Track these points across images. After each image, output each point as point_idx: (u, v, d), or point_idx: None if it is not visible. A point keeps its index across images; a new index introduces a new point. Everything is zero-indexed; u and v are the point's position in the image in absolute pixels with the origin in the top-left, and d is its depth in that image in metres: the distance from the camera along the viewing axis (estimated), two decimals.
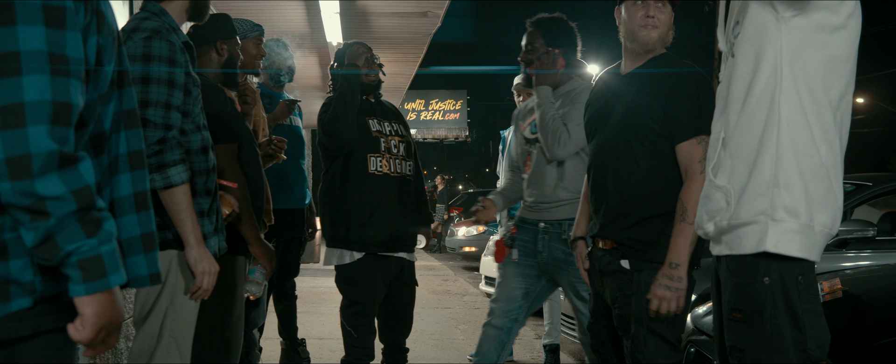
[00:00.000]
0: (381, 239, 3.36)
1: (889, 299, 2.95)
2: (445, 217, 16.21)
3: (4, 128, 1.10)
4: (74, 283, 1.18)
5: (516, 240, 3.30)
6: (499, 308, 3.31)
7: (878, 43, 25.55)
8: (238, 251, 2.68)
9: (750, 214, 1.73)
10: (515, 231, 3.33)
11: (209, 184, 2.31)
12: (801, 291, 1.73)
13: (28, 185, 1.11)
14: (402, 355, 3.56)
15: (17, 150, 1.10)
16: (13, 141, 1.10)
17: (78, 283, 1.18)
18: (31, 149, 1.11)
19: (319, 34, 7.23)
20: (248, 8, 6.03)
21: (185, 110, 2.19)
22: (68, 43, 1.16)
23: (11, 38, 1.11)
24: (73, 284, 1.18)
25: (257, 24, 3.48)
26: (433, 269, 11.39)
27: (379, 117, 3.50)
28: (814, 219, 1.70)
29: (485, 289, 7.75)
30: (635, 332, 2.36)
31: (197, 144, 2.26)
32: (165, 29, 2.17)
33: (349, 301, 3.42)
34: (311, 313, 6.38)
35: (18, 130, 1.10)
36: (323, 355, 4.83)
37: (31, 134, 1.11)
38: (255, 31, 3.44)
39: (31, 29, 1.12)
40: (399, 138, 3.51)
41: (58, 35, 1.15)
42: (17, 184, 1.11)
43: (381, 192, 3.36)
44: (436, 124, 27.80)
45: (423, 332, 5.73)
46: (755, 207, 1.72)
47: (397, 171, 3.44)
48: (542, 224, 3.21)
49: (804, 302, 1.73)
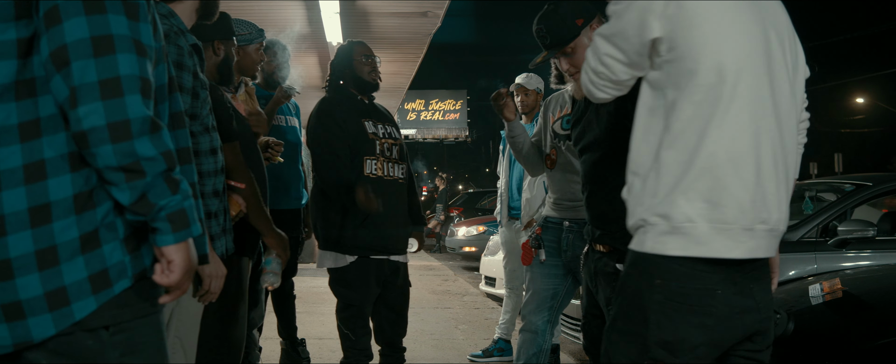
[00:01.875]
0: (375, 242, 3.37)
1: (889, 299, 2.95)
2: (443, 217, 16.19)
3: (105, 97, 1.27)
4: (163, 234, 1.35)
5: (542, 240, 3.29)
6: (530, 312, 3.30)
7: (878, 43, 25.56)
8: (243, 252, 2.69)
9: (634, 220, 1.79)
10: (540, 231, 3.31)
11: (217, 185, 2.32)
12: (653, 293, 1.71)
13: (129, 146, 1.28)
14: (400, 355, 3.56)
15: (117, 116, 1.27)
16: (113, 108, 1.27)
17: (167, 234, 1.35)
18: (129, 114, 1.28)
19: (319, 34, 7.23)
20: (248, 8, 6.03)
21: (192, 113, 2.20)
22: (143, 31, 1.34)
23: (104, 24, 1.28)
24: (162, 235, 1.36)
25: (260, 29, 3.48)
26: (433, 269, 11.39)
27: (374, 119, 3.50)
28: (694, 217, 1.67)
29: (485, 289, 7.74)
30: None
31: (205, 146, 2.26)
32: (173, 32, 2.16)
33: (344, 304, 3.43)
34: (311, 313, 6.38)
35: (118, 99, 1.27)
36: (323, 355, 4.83)
37: (128, 102, 1.28)
38: (259, 36, 3.44)
39: (117, 18, 1.30)
40: (392, 141, 3.51)
41: (135, 25, 1.33)
42: (118, 146, 1.28)
43: (375, 195, 3.36)
44: (436, 124, 27.79)
45: (423, 332, 5.73)
46: (638, 213, 1.77)
47: (390, 174, 3.45)
48: (567, 223, 3.20)
49: (662, 301, 1.70)
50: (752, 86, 1.70)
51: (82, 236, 1.34)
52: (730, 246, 1.67)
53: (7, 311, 1.31)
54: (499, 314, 5.31)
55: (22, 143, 1.31)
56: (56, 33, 1.28)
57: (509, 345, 4.87)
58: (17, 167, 1.31)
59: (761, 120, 1.70)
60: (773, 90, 1.74)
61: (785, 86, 1.78)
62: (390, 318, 3.52)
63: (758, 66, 1.72)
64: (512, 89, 4.71)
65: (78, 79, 1.26)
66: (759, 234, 1.70)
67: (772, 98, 1.73)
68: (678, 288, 1.69)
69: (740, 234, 1.68)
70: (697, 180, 1.68)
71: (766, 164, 1.70)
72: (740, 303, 1.72)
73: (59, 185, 1.33)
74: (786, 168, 1.77)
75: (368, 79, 3.50)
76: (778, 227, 1.75)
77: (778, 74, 1.76)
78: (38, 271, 1.31)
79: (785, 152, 1.76)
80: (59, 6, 1.28)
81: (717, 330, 1.70)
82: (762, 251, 1.73)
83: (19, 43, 1.32)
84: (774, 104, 1.73)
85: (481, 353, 4.87)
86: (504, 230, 4.99)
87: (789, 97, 1.79)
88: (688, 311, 1.69)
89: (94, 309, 1.34)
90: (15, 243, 1.30)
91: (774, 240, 1.77)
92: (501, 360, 4.83)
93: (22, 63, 1.32)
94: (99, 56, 1.27)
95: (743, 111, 1.68)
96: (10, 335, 1.32)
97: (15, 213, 1.30)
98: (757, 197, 1.69)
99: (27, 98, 1.32)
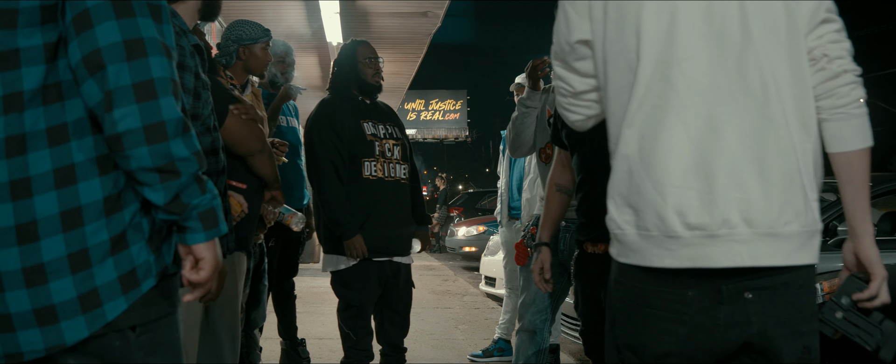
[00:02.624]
0: (376, 245, 3.37)
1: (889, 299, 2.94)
2: (436, 214, 16.19)
3: (140, 100, 1.29)
4: (194, 232, 1.40)
5: (535, 238, 3.29)
6: (527, 311, 3.33)
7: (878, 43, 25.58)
8: (239, 248, 2.69)
9: None
10: (535, 231, 3.31)
11: (219, 185, 2.32)
12: (614, 293, 1.63)
13: (165, 147, 1.31)
14: (401, 355, 3.56)
15: (153, 118, 1.29)
16: (149, 111, 1.29)
17: (198, 232, 1.40)
18: (164, 116, 1.30)
19: (319, 34, 7.24)
20: (248, 8, 6.03)
21: (194, 113, 2.20)
22: (166, 33, 1.36)
23: (134, 27, 1.30)
24: (193, 234, 1.40)
25: (266, 29, 3.47)
26: (433, 269, 11.39)
27: (374, 120, 3.49)
28: (622, 224, 1.55)
29: (485, 289, 7.75)
30: None
31: (207, 146, 2.27)
32: (175, 33, 2.16)
33: (345, 304, 3.43)
34: (311, 313, 6.38)
35: (152, 102, 1.30)
36: (323, 355, 4.83)
37: (162, 104, 1.31)
38: (264, 36, 3.44)
39: (146, 20, 1.32)
40: (393, 141, 3.49)
41: (161, 27, 1.35)
42: (154, 147, 1.30)
43: (375, 198, 3.36)
44: (436, 124, 27.80)
45: (423, 332, 5.73)
46: None
47: (392, 175, 3.44)
48: (564, 222, 3.20)
49: (615, 303, 1.62)
50: (680, 70, 1.48)
51: (112, 238, 1.35)
52: (660, 255, 1.48)
53: (40, 316, 1.31)
54: (499, 314, 5.32)
55: (51, 147, 1.31)
56: (88, 37, 1.29)
57: (509, 345, 4.87)
58: (47, 172, 1.31)
59: (710, 106, 1.46)
60: (730, 64, 1.47)
61: (761, 49, 1.48)
62: (392, 318, 3.52)
63: (681, 45, 1.49)
64: (512, 89, 4.71)
65: (113, 82, 1.28)
66: (703, 239, 1.45)
67: (732, 75, 1.47)
68: (639, 290, 1.54)
69: (665, 241, 1.47)
70: (619, 184, 1.55)
71: (722, 159, 1.45)
72: (725, 314, 1.49)
73: (89, 188, 1.33)
74: (776, 156, 1.47)
75: (371, 81, 3.49)
76: (757, 229, 1.45)
77: (731, 41, 1.48)
78: (71, 275, 1.32)
79: (764, 138, 1.47)
80: (89, 9, 1.29)
81: (692, 340, 1.50)
82: (723, 258, 1.45)
83: (46, 48, 1.32)
84: (742, 81, 1.47)
85: (481, 353, 4.88)
86: (504, 230, 5.00)
87: (764, 67, 1.48)
88: (650, 315, 1.53)
89: (124, 309, 1.36)
90: (48, 248, 1.31)
91: (762, 243, 1.46)
92: (501, 360, 4.83)
93: (49, 68, 1.33)
94: (132, 60, 1.29)
95: (662, 102, 1.48)
96: (43, 339, 1.32)
97: (47, 217, 1.31)
98: (687, 199, 1.46)
99: (55, 102, 1.32)
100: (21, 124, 1.30)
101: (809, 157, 1.51)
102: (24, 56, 1.30)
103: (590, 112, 1.71)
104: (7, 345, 1.31)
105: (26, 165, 1.30)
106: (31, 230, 1.30)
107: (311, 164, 3.42)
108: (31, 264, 1.30)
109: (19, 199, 1.29)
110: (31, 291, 1.30)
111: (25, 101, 1.30)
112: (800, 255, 1.49)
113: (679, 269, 1.48)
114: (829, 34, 1.54)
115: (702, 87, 1.47)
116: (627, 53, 1.53)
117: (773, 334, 1.50)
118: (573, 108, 1.73)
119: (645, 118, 1.50)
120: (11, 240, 1.29)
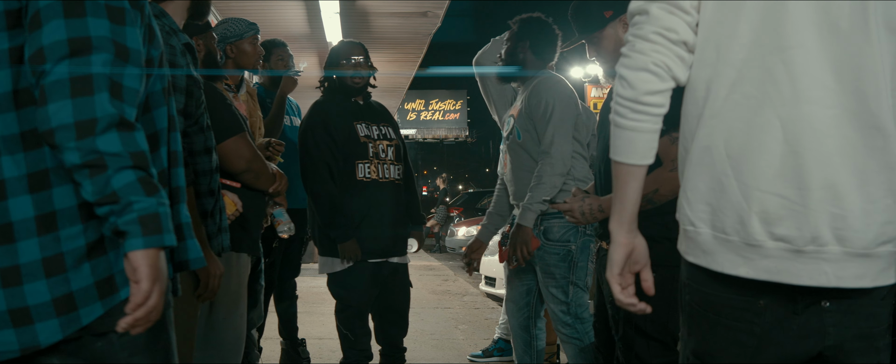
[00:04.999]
0: (371, 246, 3.37)
1: None
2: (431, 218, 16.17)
3: (75, 95, 1.26)
4: (133, 237, 1.27)
5: (508, 237, 3.33)
6: (509, 310, 3.42)
7: None
8: (240, 248, 2.69)
9: None
10: (509, 230, 3.35)
11: (213, 184, 2.32)
12: (683, 295, 1.49)
13: (90, 142, 1.26)
14: (400, 355, 3.56)
15: (85, 114, 1.26)
16: (82, 106, 1.26)
17: (136, 237, 1.27)
18: (96, 113, 1.26)
19: (319, 34, 7.24)
20: (248, 8, 6.04)
21: (187, 112, 2.20)
22: (129, 35, 1.33)
23: (82, 26, 1.28)
24: (132, 239, 1.27)
25: (252, 23, 3.47)
26: (433, 269, 11.39)
27: (367, 121, 3.47)
28: (695, 221, 1.42)
29: (485, 289, 7.75)
30: (624, 332, 2.37)
31: (200, 146, 2.26)
32: (165, 32, 2.16)
33: (343, 305, 3.43)
34: (311, 313, 6.38)
35: (87, 98, 1.26)
36: (323, 355, 4.83)
37: (97, 100, 1.27)
38: (249, 30, 3.43)
39: (98, 21, 1.30)
40: (387, 142, 3.48)
41: (120, 29, 1.32)
42: (81, 142, 1.25)
43: (369, 199, 3.36)
44: (436, 124, 27.81)
45: (423, 332, 5.73)
46: None
47: (386, 176, 3.43)
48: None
49: (684, 307, 1.50)
50: None
51: (89, 244, 1.35)
52: (735, 261, 1.36)
53: (15, 317, 1.32)
54: (499, 314, 5.32)
55: (25, 151, 1.32)
56: (35, 37, 1.28)
57: (509, 345, 4.87)
58: (21, 175, 1.31)
59: (814, 106, 1.31)
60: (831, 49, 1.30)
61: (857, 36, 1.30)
62: (391, 318, 3.52)
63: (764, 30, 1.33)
64: None
65: (50, 77, 1.26)
66: (787, 253, 1.32)
67: (843, 75, 1.30)
68: (706, 295, 1.42)
69: (744, 248, 1.35)
70: (695, 178, 1.40)
71: (820, 168, 1.30)
72: (799, 324, 1.36)
73: (63, 193, 1.33)
74: (881, 170, 1.31)
75: (350, 83, 3.46)
76: (849, 249, 1.31)
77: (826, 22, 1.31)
78: (45, 278, 1.32)
79: (871, 149, 1.30)
80: (40, 11, 1.29)
81: (762, 352, 1.38)
82: (806, 277, 1.32)
83: (11, 52, 1.32)
84: (854, 82, 1.30)
85: (481, 353, 4.88)
86: (504, 230, 4.99)
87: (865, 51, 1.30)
88: (717, 323, 1.41)
89: (100, 314, 1.35)
90: (24, 250, 1.31)
91: (851, 264, 1.31)
92: (501, 360, 4.83)
93: (16, 71, 1.32)
94: (74, 56, 1.27)
95: (759, 94, 1.33)
96: (18, 340, 1.33)
97: (22, 220, 1.31)
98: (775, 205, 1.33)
99: (28, 106, 1.32)
100: None
101: None
102: None
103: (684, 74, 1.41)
104: None
105: (0, 169, 1.30)
106: (7, 232, 1.31)
107: (305, 167, 3.42)
108: (8, 265, 1.31)
109: None
110: (7, 292, 1.31)
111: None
112: (887, 276, 1.35)
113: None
114: None
115: (807, 83, 1.30)
116: (719, 26, 1.36)
117: (850, 348, 1.38)
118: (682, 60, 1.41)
119: (735, 108, 1.34)
120: None
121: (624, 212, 1.43)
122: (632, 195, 1.42)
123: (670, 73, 1.38)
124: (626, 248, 1.43)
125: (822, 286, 1.32)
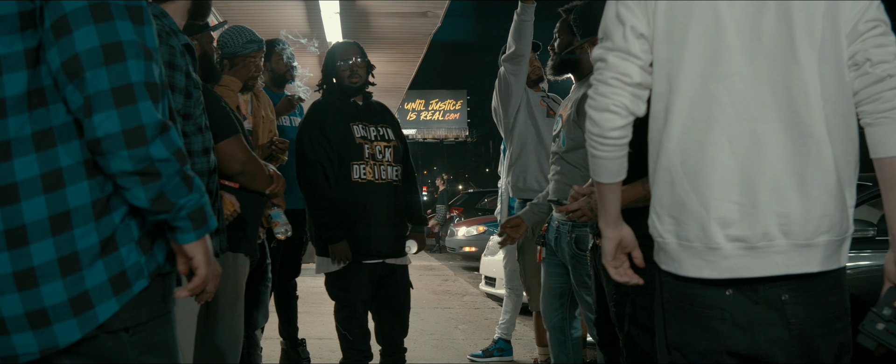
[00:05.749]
0: (366, 247, 3.36)
1: None
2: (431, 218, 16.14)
3: (119, 105, 1.30)
4: (184, 232, 1.42)
5: (545, 237, 3.33)
6: (544, 310, 3.43)
7: None
8: (238, 249, 2.69)
9: None
10: (545, 229, 3.34)
11: (211, 185, 2.32)
12: (659, 296, 1.69)
13: (144, 150, 1.32)
14: (400, 355, 3.56)
15: (132, 122, 1.30)
16: (128, 115, 1.30)
17: (188, 231, 1.42)
18: (143, 120, 1.31)
19: (319, 34, 7.24)
20: (248, 8, 6.03)
21: (185, 113, 2.20)
22: (147, 35, 1.36)
23: (112, 31, 1.31)
24: (184, 234, 1.42)
25: (253, 40, 3.42)
26: (433, 269, 11.39)
27: (364, 122, 3.47)
28: (662, 232, 1.61)
29: (485, 289, 7.75)
30: (629, 330, 2.37)
31: (198, 146, 2.26)
32: (165, 32, 2.16)
33: (340, 305, 3.44)
34: (311, 313, 6.38)
35: (131, 106, 1.30)
36: (323, 355, 4.83)
37: (141, 108, 1.31)
38: (247, 48, 3.36)
39: (124, 23, 1.32)
40: (385, 143, 3.47)
41: (141, 29, 1.35)
42: (133, 151, 1.31)
43: (364, 201, 3.36)
44: (436, 124, 27.81)
45: (423, 332, 5.73)
46: None
47: (382, 177, 3.42)
48: (556, 222, 3.22)
49: (661, 306, 1.69)
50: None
51: (101, 241, 1.36)
52: (699, 265, 1.55)
53: (33, 319, 1.33)
54: (499, 314, 5.31)
55: (37, 152, 1.33)
56: (66, 43, 1.29)
57: (509, 345, 4.88)
58: (34, 177, 1.32)
59: (754, 123, 1.50)
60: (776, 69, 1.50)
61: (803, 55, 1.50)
62: (390, 318, 3.52)
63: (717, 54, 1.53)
64: None
65: (91, 87, 1.29)
66: (743, 251, 1.51)
67: (777, 92, 1.50)
68: (681, 291, 1.60)
69: (706, 252, 1.53)
70: (661, 195, 1.59)
71: (765, 175, 1.50)
72: (763, 313, 1.53)
73: (77, 192, 1.35)
74: (816, 172, 1.50)
75: (347, 83, 3.45)
76: (794, 241, 1.50)
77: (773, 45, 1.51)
78: (61, 278, 1.33)
79: (806, 155, 1.50)
80: (67, 15, 1.30)
81: (733, 338, 1.54)
82: (760, 268, 1.52)
83: (27, 53, 1.33)
84: (787, 98, 1.50)
85: (481, 353, 4.88)
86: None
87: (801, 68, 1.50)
88: (691, 313, 1.58)
89: (116, 310, 1.37)
90: (37, 252, 1.32)
91: (797, 254, 1.51)
92: (501, 360, 4.83)
93: (31, 73, 1.34)
94: (110, 64, 1.29)
95: (707, 117, 1.52)
96: (37, 342, 1.34)
97: (36, 222, 1.32)
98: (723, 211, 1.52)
99: (39, 108, 1.34)
100: (6, 130, 1.32)
101: (852, 167, 1.55)
102: (5, 63, 1.32)
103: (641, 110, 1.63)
104: (2, 347, 1.34)
105: (13, 171, 1.32)
106: (20, 234, 1.32)
107: (301, 168, 3.42)
108: (22, 268, 1.32)
109: (7, 204, 1.31)
110: (23, 295, 1.32)
111: (9, 108, 1.32)
112: (830, 262, 1.53)
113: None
114: (873, 38, 1.53)
115: (747, 103, 1.51)
116: (669, 64, 1.57)
117: (812, 333, 1.54)
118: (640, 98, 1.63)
119: (688, 132, 1.55)
120: (1, 245, 1.31)
121: (608, 215, 1.70)
122: (612, 203, 1.69)
123: (628, 110, 1.60)
124: (615, 239, 1.71)
125: (773, 274, 1.52)
